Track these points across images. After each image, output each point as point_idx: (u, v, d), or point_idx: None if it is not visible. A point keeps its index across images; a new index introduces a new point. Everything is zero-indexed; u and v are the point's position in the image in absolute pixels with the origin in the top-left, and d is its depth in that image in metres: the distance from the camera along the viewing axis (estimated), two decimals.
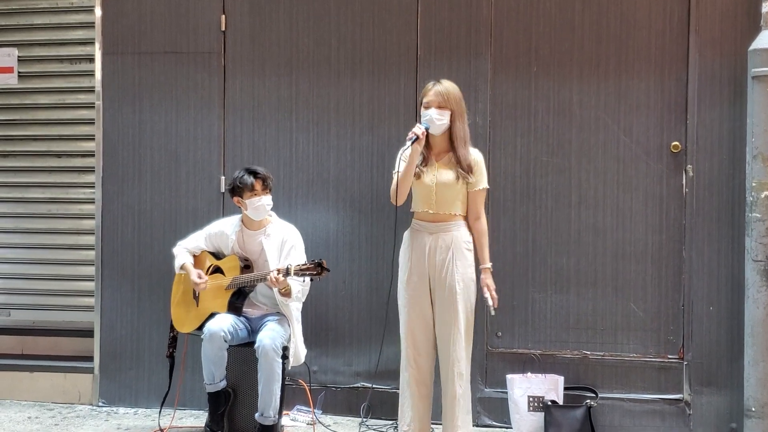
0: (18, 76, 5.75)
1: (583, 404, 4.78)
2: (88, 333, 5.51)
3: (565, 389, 4.87)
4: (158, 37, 5.39)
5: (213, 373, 4.64)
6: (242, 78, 5.31)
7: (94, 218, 5.48)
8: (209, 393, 4.69)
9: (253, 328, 4.75)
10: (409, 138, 4.26)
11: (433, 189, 4.35)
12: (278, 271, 4.48)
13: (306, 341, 4.84)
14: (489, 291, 4.39)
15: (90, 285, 5.53)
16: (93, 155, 5.51)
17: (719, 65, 4.83)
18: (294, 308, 4.72)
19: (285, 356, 4.66)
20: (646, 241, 4.92)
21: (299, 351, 4.74)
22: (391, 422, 4.91)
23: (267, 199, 4.75)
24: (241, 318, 4.73)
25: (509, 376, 4.90)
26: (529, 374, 4.92)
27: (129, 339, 5.41)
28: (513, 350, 5.04)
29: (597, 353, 4.96)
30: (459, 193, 4.37)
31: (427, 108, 4.35)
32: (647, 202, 4.92)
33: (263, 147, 5.30)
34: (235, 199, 4.77)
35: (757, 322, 4.58)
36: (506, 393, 4.90)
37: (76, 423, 5.15)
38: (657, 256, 4.91)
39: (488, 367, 5.06)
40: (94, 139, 5.48)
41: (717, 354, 4.84)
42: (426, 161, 4.39)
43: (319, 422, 5.03)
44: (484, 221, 4.44)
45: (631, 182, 4.93)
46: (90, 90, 5.56)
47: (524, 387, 4.83)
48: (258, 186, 4.71)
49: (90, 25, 5.55)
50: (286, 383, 4.77)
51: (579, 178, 4.98)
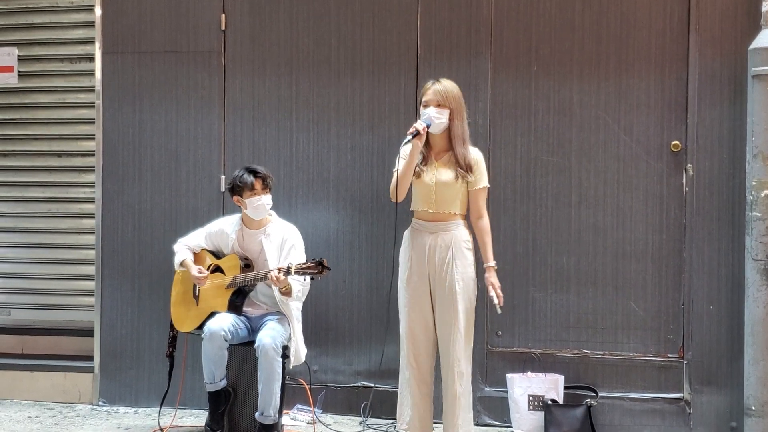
0: (18, 76, 5.75)
1: (584, 403, 4.78)
2: (89, 332, 5.51)
3: (566, 388, 4.87)
4: (158, 37, 5.39)
5: (213, 373, 4.64)
6: (242, 77, 5.31)
7: (94, 217, 5.48)
8: (209, 392, 4.69)
9: (254, 328, 4.75)
10: (410, 132, 4.26)
11: (433, 188, 4.35)
12: (279, 270, 4.48)
13: (306, 340, 4.83)
14: (494, 289, 4.38)
15: (90, 284, 5.53)
16: (93, 154, 5.51)
17: (719, 64, 4.83)
18: (294, 308, 4.71)
19: (285, 355, 4.65)
20: (647, 240, 4.92)
21: (299, 350, 4.73)
22: (392, 421, 4.91)
23: (267, 199, 4.74)
24: (242, 317, 4.73)
25: (509, 375, 4.90)
26: (530, 373, 4.92)
27: (129, 338, 5.41)
28: (513, 349, 5.04)
29: (597, 352, 4.97)
30: (458, 193, 4.37)
31: (426, 107, 4.35)
32: (647, 202, 4.92)
33: (263, 146, 5.30)
34: (235, 199, 4.77)
35: (757, 321, 4.58)
36: (506, 392, 4.90)
37: (77, 422, 5.15)
38: (657, 255, 4.91)
39: (488, 366, 5.06)
40: (94, 139, 5.48)
41: (717, 353, 4.84)
42: (426, 160, 4.39)
43: (320, 421, 5.03)
44: (487, 220, 4.43)
45: (632, 181, 4.93)
46: (90, 89, 5.56)
47: (524, 386, 4.83)
48: (258, 185, 4.70)
49: (90, 24, 5.54)
50: (287, 382, 4.77)
51: (579, 178, 4.98)
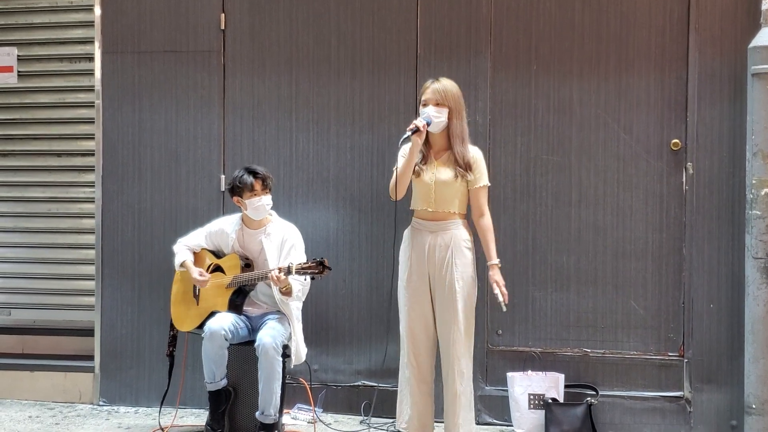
0: (18, 75, 5.74)
1: (584, 402, 4.78)
2: (89, 332, 5.51)
3: (566, 387, 4.87)
4: (158, 36, 5.39)
5: (213, 372, 4.64)
6: (242, 77, 5.31)
7: (94, 217, 5.48)
8: (210, 392, 4.69)
9: (254, 327, 4.75)
10: (410, 129, 4.26)
11: (432, 187, 4.35)
12: (280, 270, 4.48)
13: (306, 340, 4.83)
14: (499, 287, 4.37)
15: (90, 284, 5.53)
16: (93, 154, 5.51)
17: (719, 63, 4.83)
18: (294, 307, 4.71)
19: (286, 355, 4.66)
20: (647, 239, 4.92)
21: (300, 350, 4.73)
22: (392, 420, 4.89)
23: (267, 199, 4.74)
24: (242, 317, 4.73)
25: (510, 374, 4.90)
26: (530, 372, 4.92)
27: (129, 338, 5.41)
28: (513, 348, 5.04)
29: (597, 351, 4.97)
30: (458, 192, 4.37)
31: (425, 105, 4.36)
32: (647, 200, 4.92)
33: (263, 146, 5.30)
34: (235, 199, 4.76)
35: (758, 319, 4.59)
36: (507, 391, 4.90)
37: (77, 422, 5.15)
38: (657, 254, 4.91)
39: (489, 365, 5.06)
40: (94, 138, 5.48)
41: (717, 351, 4.84)
42: (425, 159, 4.39)
43: (320, 420, 5.03)
44: (489, 218, 4.43)
45: (632, 180, 4.93)
46: (90, 89, 5.55)
47: (525, 385, 4.83)
48: (258, 186, 4.70)
49: (89, 24, 5.54)
50: (287, 382, 4.77)
51: (579, 177, 4.98)
